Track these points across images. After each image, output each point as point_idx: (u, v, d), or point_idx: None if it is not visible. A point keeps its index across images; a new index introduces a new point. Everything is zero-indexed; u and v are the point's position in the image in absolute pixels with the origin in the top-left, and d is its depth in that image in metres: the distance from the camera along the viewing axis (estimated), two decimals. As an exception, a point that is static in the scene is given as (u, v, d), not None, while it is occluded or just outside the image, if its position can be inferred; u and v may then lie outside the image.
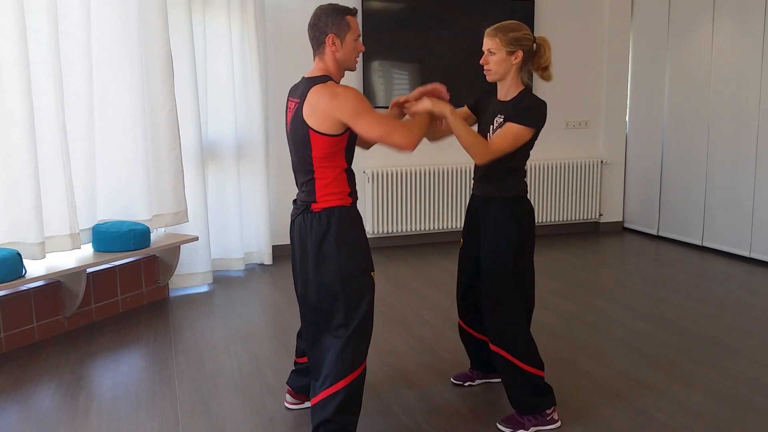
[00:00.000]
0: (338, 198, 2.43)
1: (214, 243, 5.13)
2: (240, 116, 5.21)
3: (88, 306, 4.09)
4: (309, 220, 2.44)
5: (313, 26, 2.49)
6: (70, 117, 3.99)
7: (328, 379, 2.42)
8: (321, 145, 2.37)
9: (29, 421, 2.86)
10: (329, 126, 2.35)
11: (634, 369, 3.33)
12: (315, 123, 2.35)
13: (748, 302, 4.43)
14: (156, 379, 3.28)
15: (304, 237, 2.47)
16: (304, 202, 2.47)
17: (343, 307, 2.42)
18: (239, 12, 5.08)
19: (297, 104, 2.44)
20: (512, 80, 2.67)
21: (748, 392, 3.07)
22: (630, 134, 6.68)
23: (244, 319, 4.16)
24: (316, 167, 2.41)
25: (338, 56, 2.47)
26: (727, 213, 5.62)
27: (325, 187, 2.42)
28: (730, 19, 5.51)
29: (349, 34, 2.46)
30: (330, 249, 2.40)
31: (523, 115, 2.59)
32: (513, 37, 2.62)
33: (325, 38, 2.45)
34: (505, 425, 2.74)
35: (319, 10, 2.48)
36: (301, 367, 2.87)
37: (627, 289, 4.78)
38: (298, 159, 2.47)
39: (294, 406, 2.94)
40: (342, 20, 2.44)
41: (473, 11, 5.94)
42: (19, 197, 3.68)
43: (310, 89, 2.39)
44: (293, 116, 2.45)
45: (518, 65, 2.65)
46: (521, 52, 2.63)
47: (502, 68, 2.65)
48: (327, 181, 2.42)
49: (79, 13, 4.03)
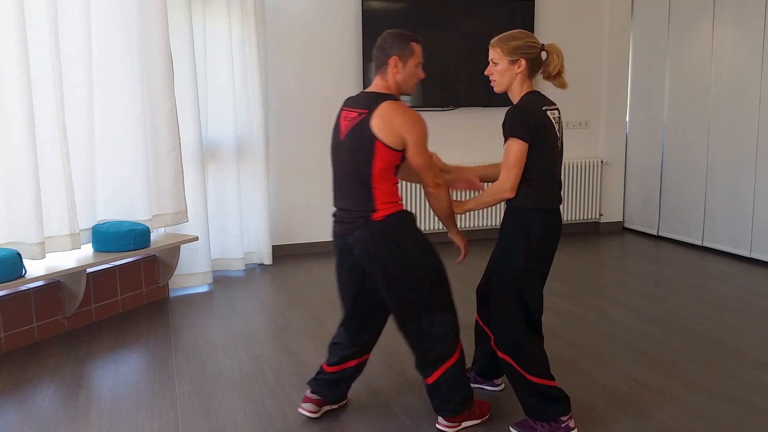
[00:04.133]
0: (394, 205, 2.62)
1: (214, 243, 5.13)
2: (240, 116, 5.21)
3: (88, 306, 4.09)
4: (376, 228, 2.58)
5: (380, 47, 2.66)
6: (70, 117, 3.99)
7: (441, 359, 2.66)
8: (383, 157, 2.53)
9: (29, 421, 2.85)
10: (395, 141, 2.53)
11: (634, 369, 3.33)
12: (383, 135, 2.52)
13: (748, 302, 4.43)
14: (156, 379, 3.28)
15: (374, 245, 2.58)
16: (360, 212, 2.60)
17: (431, 291, 2.65)
18: (239, 12, 5.08)
19: (362, 114, 2.57)
20: (518, 91, 2.63)
21: (748, 392, 3.07)
22: (630, 134, 6.68)
23: (244, 319, 4.16)
24: (375, 178, 2.56)
25: (398, 78, 2.63)
26: (728, 213, 5.62)
27: (382, 196, 2.59)
28: (730, 19, 5.51)
29: (411, 59, 2.64)
30: (404, 244, 2.60)
31: (505, 128, 2.56)
32: (514, 46, 2.58)
33: (389, 59, 2.62)
34: (517, 429, 2.72)
35: (387, 33, 2.66)
36: (333, 378, 2.86)
37: (627, 289, 4.78)
38: (354, 168, 2.58)
39: (313, 415, 2.85)
40: (407, 45, 2.62)
41: (473, 11, 5.93)
42: (19, 197, 3.68)
43: (383, 102, 2.55)
44: (356, 125, 2.56)
45: (523, 74, 2.60)
46: (524, 60, 2.58)
47: (505, 79, 2.62)
48: (383, 190, 2.58)
49: (79, 13, 4.03)
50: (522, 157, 2.52)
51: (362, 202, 2.58)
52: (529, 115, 2.54)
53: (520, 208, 2.62)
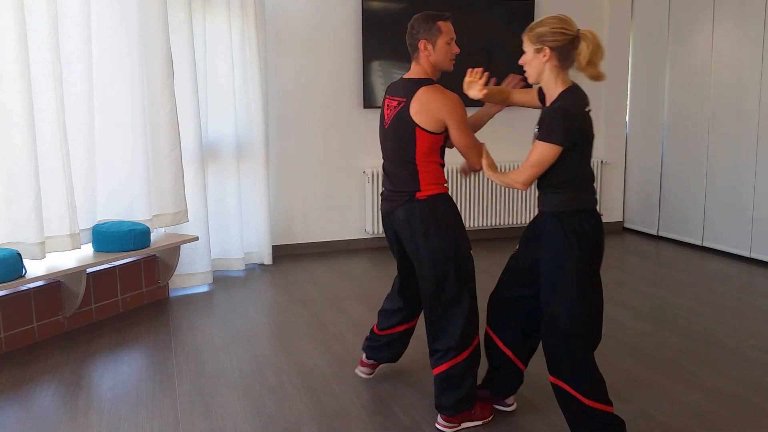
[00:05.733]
0: (438, 187, 2.71)
1: (214, 243, 5.13)
2: (240, 116, 5.21)
3: (88, 306, 4.09)
4: (415, 207, 2.68)
5: (409, 34, 2.72)
6: (70, 117, 3.99)
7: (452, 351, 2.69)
8: (425, 141, 2.63)
9: (29, 421, 2.86)
10: (435, 125, 2.61)
11: (634, 369, 3.33)
12: (422, 121, 2.60)
13: (748, 302, 4.43)
14: (156, 379, 3.28)
15: (411, 221, 2.69)
16: (405, 192, 2.71)
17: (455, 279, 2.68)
18: (239, 12, 5.08)
19: (401, 102, 2.67)
20: (550, 82, 2.44)
21: (748, 392, 3.07)
22: (630, 134, 6.68)
23: (244, 319, 4.16)
24: (419, 161, 2.66)
25: (432, 59, 2.69)
26: (727, 213, 5.62)
27: (427, 177, 2.68)
28: (730, 19, 5.51)
29: (440, 38, 2.67)
30: (438, 228, 2.67)
31: (540, 128, 2.39)
32: (538, 33, 2.40)
33: (418, 44, 2.68)
34: None
35: (413, 18, 2.72)
36: (384, 341, 3.11)
37: (627, 289, 4.78)
38: (399, 153, 2.71)
39: (368, 375, 3.21)
40: (433, 26, 2.66)
41: (473, 11, 5.93)
42: (19, 197, 3.68)
43: (419, 89, 2.63)
44: (397, 113, 2.67)
45: (553, 65, 2.41)
46: (548, 48, 2.38)
47: (533, 69, 2.46)
48: (428, 172, 2.68)
49: (79, 13, 4.03)
50: (548, 161, 2.38)
51: (409, 183, 2.71)
52: (574, 120, 2.36)
53: (568, 212, 2.45)
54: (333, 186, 5.87)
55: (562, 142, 2.35)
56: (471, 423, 2.76)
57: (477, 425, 2.77)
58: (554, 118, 2.37)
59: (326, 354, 3.57)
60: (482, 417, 2.78)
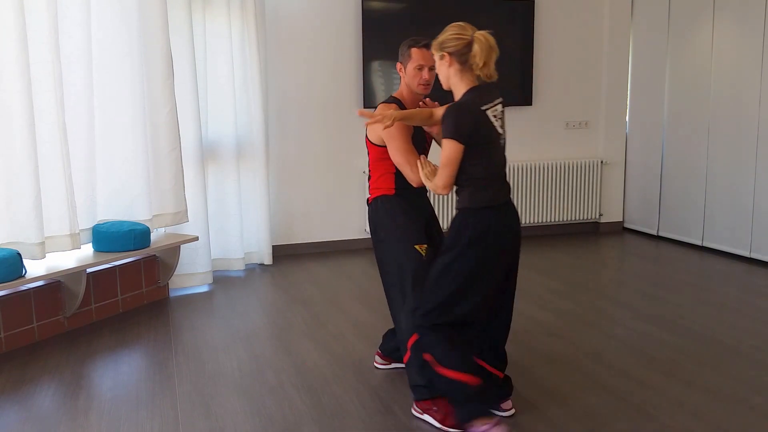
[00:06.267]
0: (381, 190, 3.00)
1: (214, 243, 5.13)
2: (240, 116, 5.21)
3: (88, 306, 4.09)
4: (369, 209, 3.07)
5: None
6: (70, 117, 3.99)
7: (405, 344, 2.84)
8: (371, 151, 2.97)
9: (29, 421, 2.86)
10: (376, 139, 2.90)
11: (634, 369, 3.33)
12: (369, 133, 2.92)
13: (748, 302, 4.43)
14: (156, 379, 3.28)
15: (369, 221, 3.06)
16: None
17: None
18: (239, 12, 5.08)
19: None
20: (457, 86, 2.57)
21: (748, 392, 3.07)
22: (630, 134, 6.68)
23: (244, 319, 4.16)
24: (371, 167, 3.03)
25: (405, 81, 2.93)
26: (727, 213, 5.62)
27: (375, 183, 3.01)
28: (730, 19, 5.51)
29: (409, 63, 2.87)
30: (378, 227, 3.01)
31: (443, 127, 2.51)
32: (440, 42, 2.57)
33: (397, 65, 2.95)
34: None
35: None
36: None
37: (627, 289, 4.78)
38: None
39: (383, 366, 3.34)
40: (406, 51, 2.88)
41: (473, 12, 5.92)
42: (19, 197, 3.68)
43: (379, 104, 2.97)
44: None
45: (456, 69, 2.54)
46: (447, 54, 2.54)
47: (441, 75, 2.61)
48: (375, 178, 3.01)
49: (79, 13, 4.03)
50: (455, 158, 2.49)
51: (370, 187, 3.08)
52: (466, 116, 2.48)
53: (465, 210, 2.57)
54: (333, 186, 5.87)
55: (455, 136, 2.46)
56: (430, 419, 2.77)
57: (434, 426, 2.72)
58: (446, 115, 2.50)
59: (326, 354, 3.57)
60: (440, 421, 2.72)
